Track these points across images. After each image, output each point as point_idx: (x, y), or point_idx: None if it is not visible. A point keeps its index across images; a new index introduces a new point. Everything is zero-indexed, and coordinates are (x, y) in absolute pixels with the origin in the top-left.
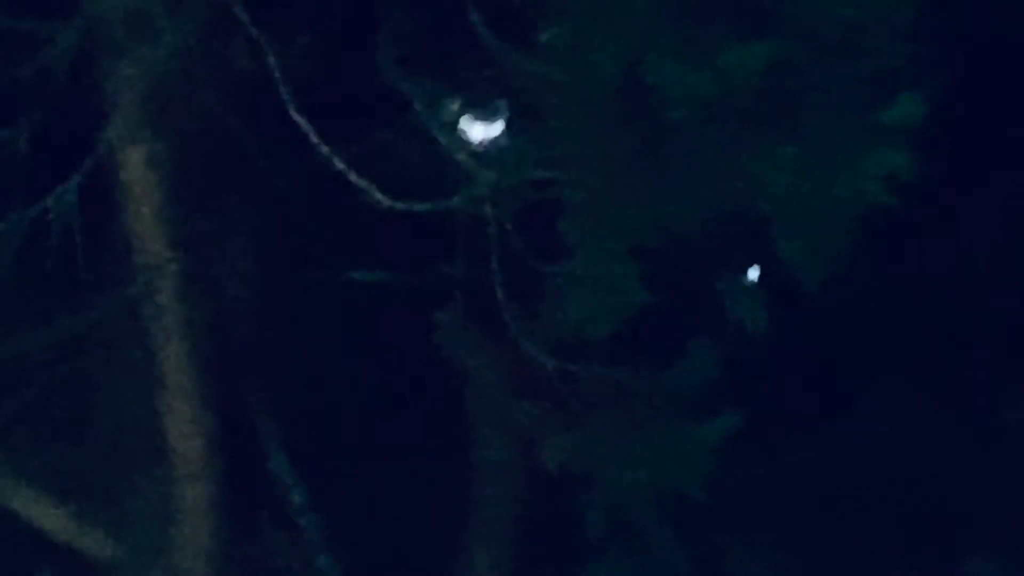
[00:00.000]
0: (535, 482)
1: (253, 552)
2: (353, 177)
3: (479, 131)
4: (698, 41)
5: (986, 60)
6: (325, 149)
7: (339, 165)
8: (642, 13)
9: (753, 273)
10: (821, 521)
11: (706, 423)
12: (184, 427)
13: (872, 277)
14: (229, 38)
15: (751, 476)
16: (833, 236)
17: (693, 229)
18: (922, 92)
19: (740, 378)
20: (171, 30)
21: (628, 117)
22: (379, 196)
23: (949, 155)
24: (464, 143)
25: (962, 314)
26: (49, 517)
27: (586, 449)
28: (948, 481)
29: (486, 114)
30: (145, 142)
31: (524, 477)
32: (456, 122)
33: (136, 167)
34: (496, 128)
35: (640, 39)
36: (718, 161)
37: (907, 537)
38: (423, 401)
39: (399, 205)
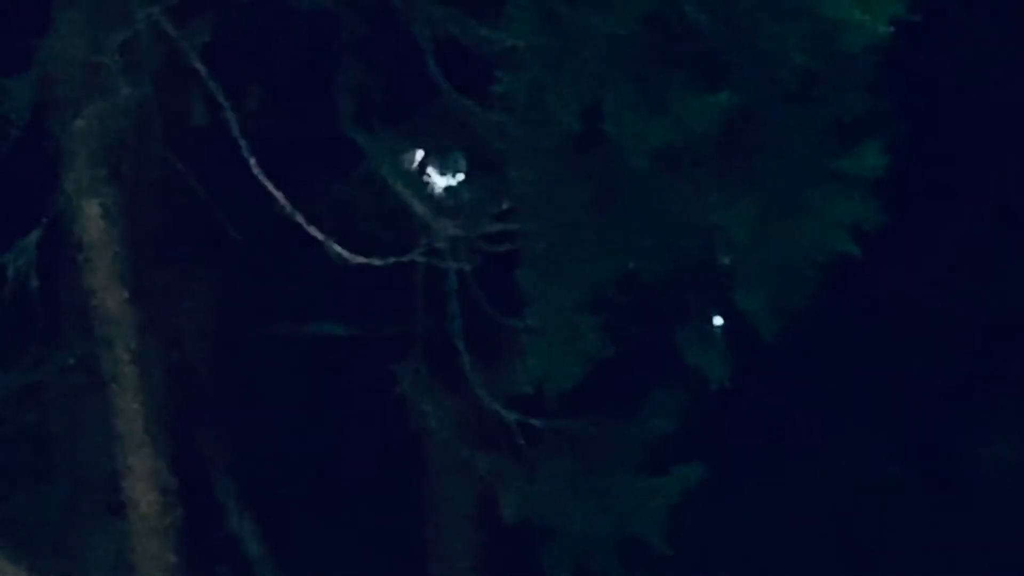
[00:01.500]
0: (495, 534)
1: None
2: (312, 230)
3: (437, 182)
4: (655, 90)
5: (946, 108)
6: (283, 202)
7: (298, 218)
8: (599, 62)
9: (716, 322)
10: (784, 572)
11: (668, 474)
12: (142, 481)
13: (834, 326)
14: (186, 91)
15: (714, 526)
16: (794, 285)
17: (652, 279)
18: (883, 141)
19: (701, 428)
20: (127, 83)
21: (586, 167)
22: (338, 249)
23: (911, 204)
24: (423, 195)
25: (924, 361)
26: (5, 572)
27: (547, 500)
28: (913, 529)
29: (444, 165)
30: (102, 195)
31: (484, 529)
32: (414, 173)
33: (93, 220)
34: (454, 179)
35: (597, 88)
36: (677, 211)
37: None
38: (383, 454)
39: (358, 258)
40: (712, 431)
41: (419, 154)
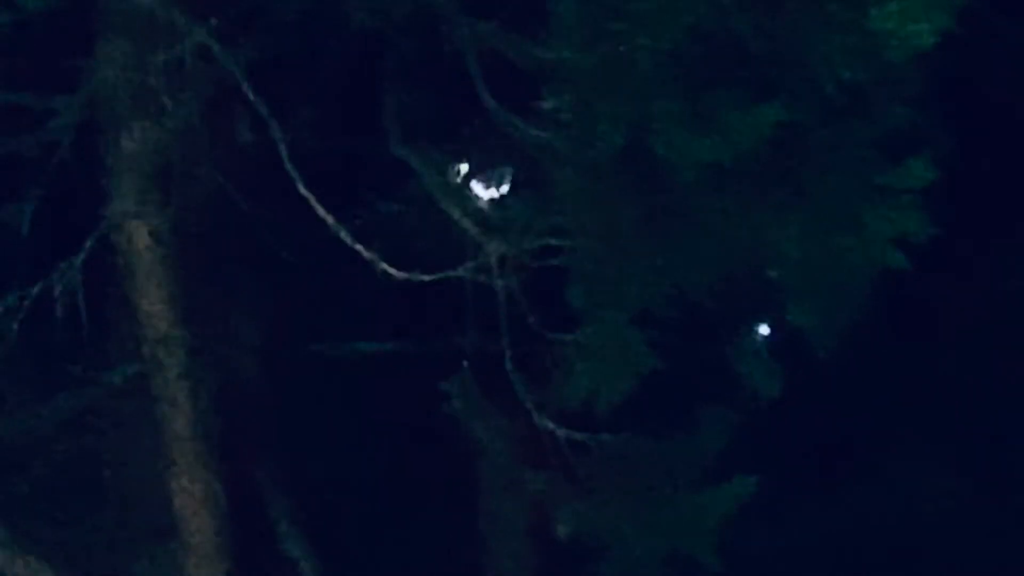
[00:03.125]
0: (548, 551)
1: None
2: (359, 248)
3: (484, 199)
4: (702, 106)
5: (993, 119)
6: (332, 221)
7: (345, 237)
8: (647, 79)
9: (763, 332)
10: None
11: (718, 489)
12: (193, 503)
13: (884, 339)
14: (233, 111)
15: (764, 542)
16: (844, 299)
17: (702, 295)
18: (930, 153)
19: (752, 443)
20: (175, 103)
21: (634, 183)
22: (385, 267)
23: (960, 215)
24: (470, 211)
25: (977, 372)
26: None
27: (598, 517)
28: (968, 541)
29: (492, 182)
30: (149, 216)
31: (537, 546)
32: (461, 190)
33: (141, 241)
34: (501, 196)
35: (645, 105)
36: (725, 226)
37: None
38: (433, 472)
39: (405, 276)
40: (763, 445)
41: (465, 170)
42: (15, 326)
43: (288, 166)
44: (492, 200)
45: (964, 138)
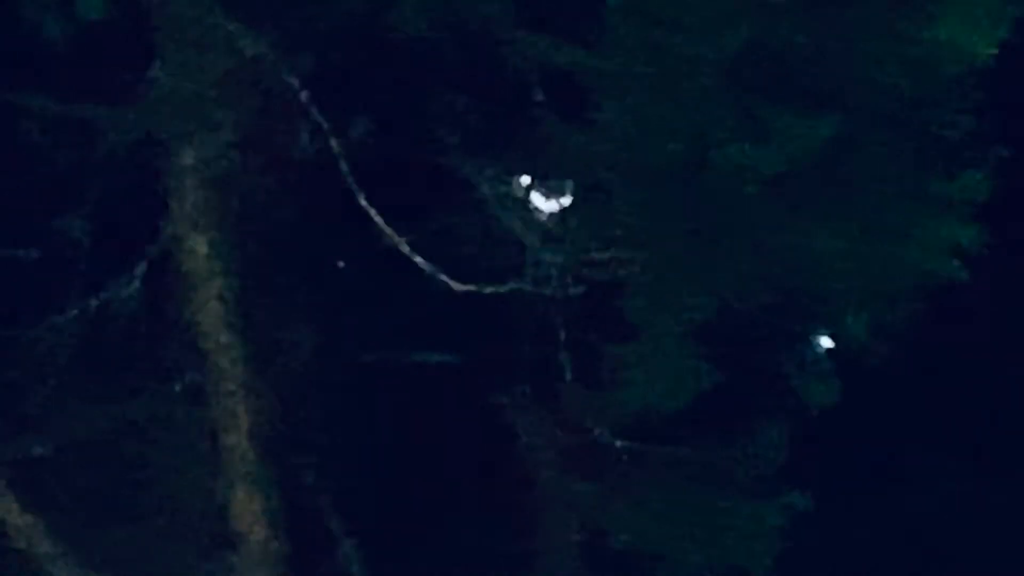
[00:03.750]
0: (603, 562)
1: None
2: (417, 259)
3: (543, 211)
4: (759, 117)
5: None
6: (389, 231)
7: (403, 247)
8: (704, 91)
9: (824, 343)
10: None
11: (773, 501)
12: (248, 513)
13: (940, 350)
14: (291, 122)
15: (819, 554)
16: (899, 309)
17: (757, 306)
18: (986, 164)
19: (808, 455)
20: (232, 115)
21: (690, 194)
22: (444, 277)
23: (1014, 225)
24: (528, 222)
25: None
26: None
27: (653, 528)
28: None
29: (549, 193)
30: (207, 227)
31: (592, 557)
32: (519, 201)
33: (199, 252)
34: (559, 208)
35: (702, 117)
36: (782, 237)
37: None
38: (489, 483)
39: (464, 286)
40: (818, 456)
41: (524, 181)
42: (75, 337)
43: (346, 177)
44: (551, 212)
45: (1021, 148)
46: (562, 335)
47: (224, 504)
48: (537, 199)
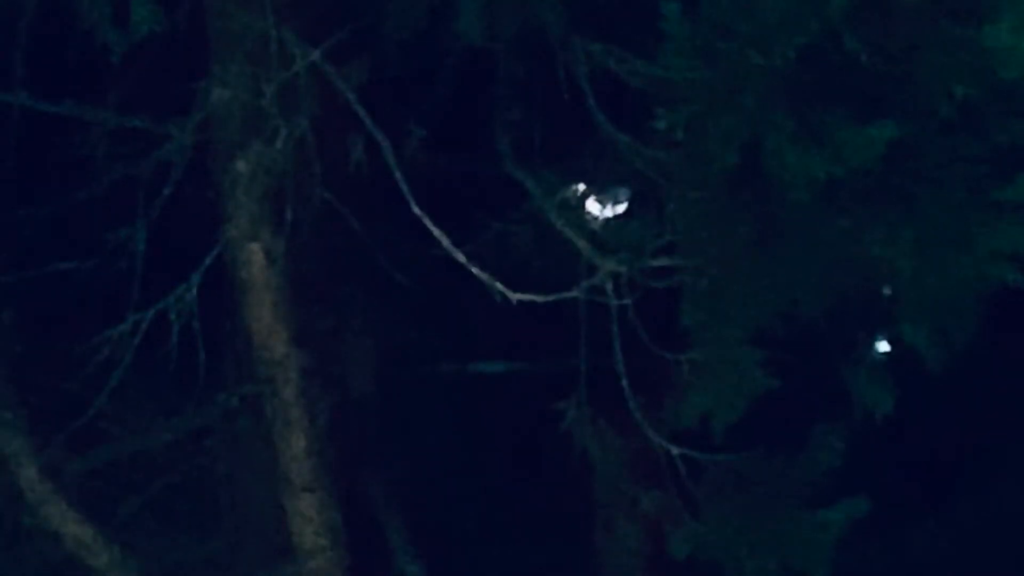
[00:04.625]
0: (663, 571)
1: None
2: (473, 269)
3: (598, 218)
4: (815, 124)
5: None
6: (446, 241)
7: (459, 257)
8: (757, 97)
9: (882, 347)
10: None
11: (832, 508)
12: (308, 524)
13: (999, 358)
14: (345, 131)
15: (878, 562)
16: (958, 316)
17: (815, 313)
18: None
19: (866, 462)
20: (288, 126)
21: (747, 202)
22: (500, 287)
23: None
24: (584, 231)
25: None
26: None
27: (712, 537)
28: None
29: (605, 201)
30: (263, 237)
31: (652, 567)
32: (575, 209)
33: (255, 262)
34: (615, 215)
35: (757, 123)
36: (838, 244)
37: None
38: (548, 492)
39: (520, 296)
40: (877, 464)
41: (580, 189)
42: (132, 348)
43: (401, 186)
44: (607, 220)
45: None
46: (618, 343)
47: (284, 515)
48: (592, 206)
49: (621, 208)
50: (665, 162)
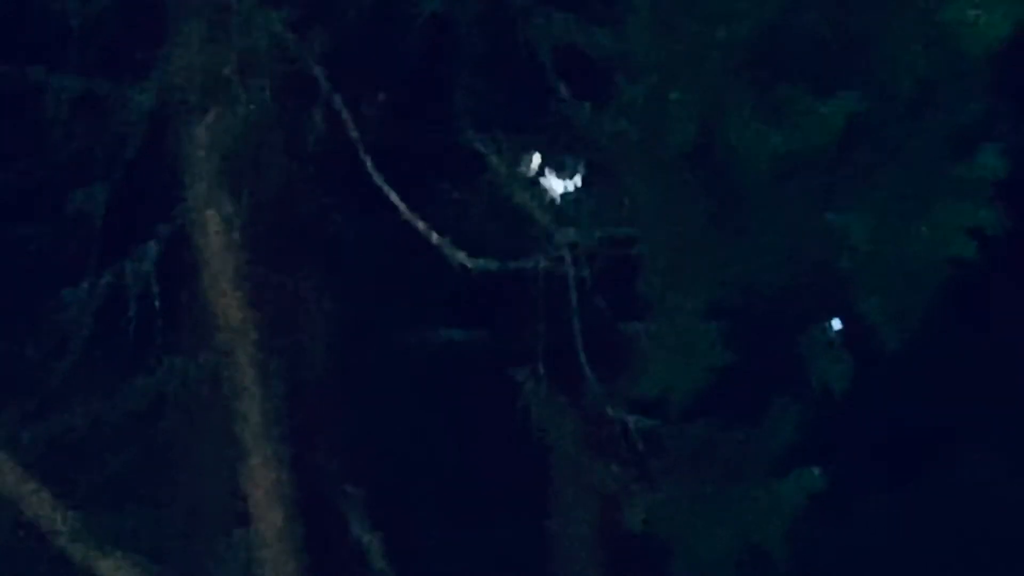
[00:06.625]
0: (617, 541)
1: None
2: (432, 236)
3: (556, 188)
4: (776, 99)
5: None
6: (405, 210)
7: (418, 224)
8: (719, 71)
9: (835, 326)
10: None
11: (788, 482)
12: (264, 492)
13: (956, 334)
14: (306, 100)
15: (833, 535)
16: (915, 292)
17: (773, 287)
18: (1002, 145)
19: (822, 436)
20: (248, 93)
21: (706, 175)
22: (459, 256)
23: None
24: (542, 201)
25: None
26: None
27: (668, 508)
28: None
29: (564, 174)
30: (222, 204)
31: (607, 537)
32: (533, 180)
33: (213, 229)
34: (573, 186)
35: (717, 97)
36: (797, 218)
37: None
38: (504, 462)
39: (477, 263)
40: (833, 439)
41: (537, 160)
42: (88, 315)
43: (361, 154)
44: (565, 191)
45: None
46: (576, 314)
47: (239, 483)
48: (548, 179)
49: (579, 180)
50: (625, 134)
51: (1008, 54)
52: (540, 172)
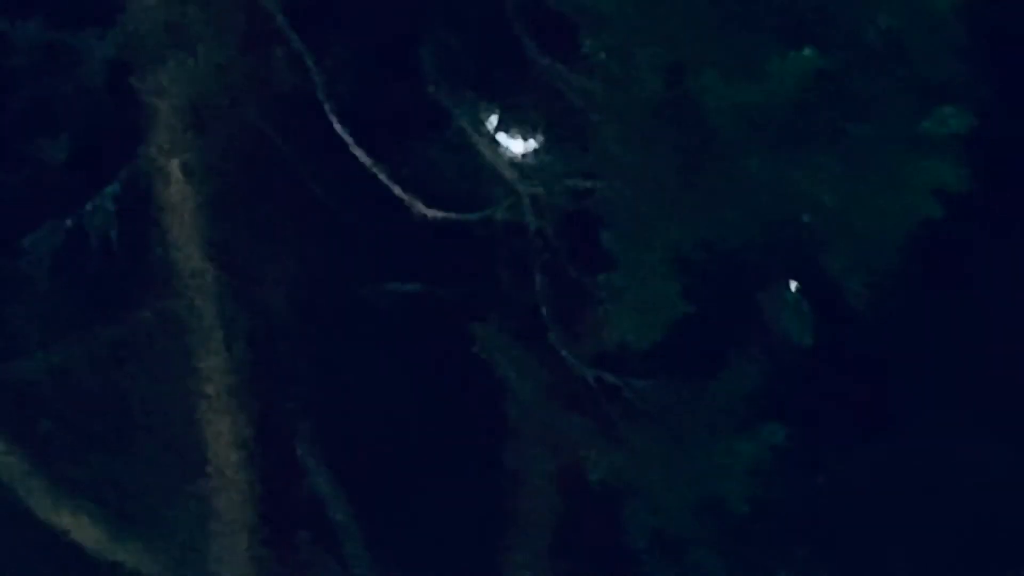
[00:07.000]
0: (577, 494)
1: (291, 564)
2: (393, 187)
3: (520, 142)
4: (742, 51)
5: None
6: (367, 160)
7: (381, 177)
8: (685, 23)
9: (792, 287)
10: (863, 536)
11: (748, 436)
12: (223, 440)
13: (921, 291)
14: (271, 50)
15: (793, 489)
16: (880, 248)
17: (736, 241)
18: (969, 103)
19: (783, 391)
20: (211, 42)
21: (670, 128)
22: (421, 207)
23: (1001, 168)
24: (505, 154)
25: (1012, 330)
26: (87, 531)
27: (628, 461)
28: (995, 498)
29: (527, 125)
30: (184, 154)
31: (566, 489)
32: (496, 134)
33: (175, 179)
34: (537, 139)
35: (683, 49)
36: (762, 172)
37: (952, 554)
38: (464, 413)
39: (440, 216)
40: (794, 394)
41: (502, 114)
42: (48, 260)
43: (325, 105)
44: (526, 149)
45: (1004, 88)
46: (538, 266)
47: (198, 431)
48: (507, 139)
49: (536, 142)
50: (590, 88)
51: (977, 9)
52: (501, 128)
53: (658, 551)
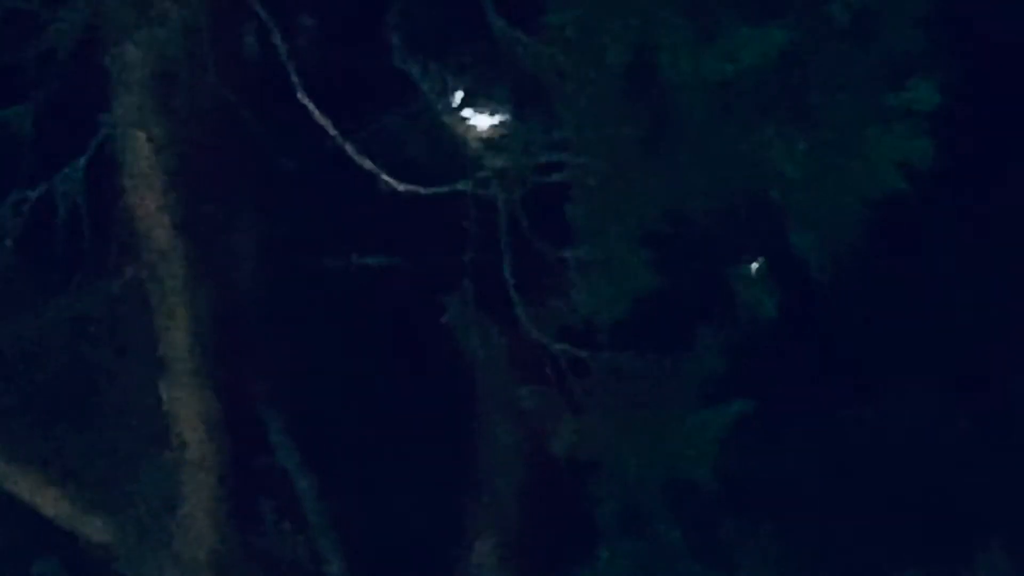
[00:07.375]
0: (542, 468)
1: (257, 540)
2: (360, 159)
3: (486, 115)
4: (709, 25)
5: (1002, 48)
6: (333, 132)
7: (348, 149)
8: None
9: (758, 262)
10: (829, 511)
11: (715, 410)
12: (188, 413)
13: (885, 266)
14: (237, 20)
15: (759, 464)
16: (846, 223)
17: (703, 215)
18: (936, 79)
19: (749, 366)
20: (177, 10)
21: (637, 101)
22: (387, 179)
23: (966, 143)
24: (472, 127)
25: (976, 304)
26: (50, 504)
27: (594, 435)
28: (959, 473)
29: (494, 98)
30: (150, 124)
31: (532, 463)
32: (463, 106)
33: (141, 150)
34: (504, 112)
35: (650, 23)
36: (729, 147)
37: (917, 529)
38: (430, 387)
39: (406, 188)
40: (761, 368)
41: (468, 86)
42: (13, 231)
43: (291, 75)
44: (492, 123)
45: (971, 64)
46: (505, 239)
47: (164, 405)
48: (474, 113)
49: (508, 109)
50: (557, 59)
51: None
52: (468, 102)
53: (625, 524)
